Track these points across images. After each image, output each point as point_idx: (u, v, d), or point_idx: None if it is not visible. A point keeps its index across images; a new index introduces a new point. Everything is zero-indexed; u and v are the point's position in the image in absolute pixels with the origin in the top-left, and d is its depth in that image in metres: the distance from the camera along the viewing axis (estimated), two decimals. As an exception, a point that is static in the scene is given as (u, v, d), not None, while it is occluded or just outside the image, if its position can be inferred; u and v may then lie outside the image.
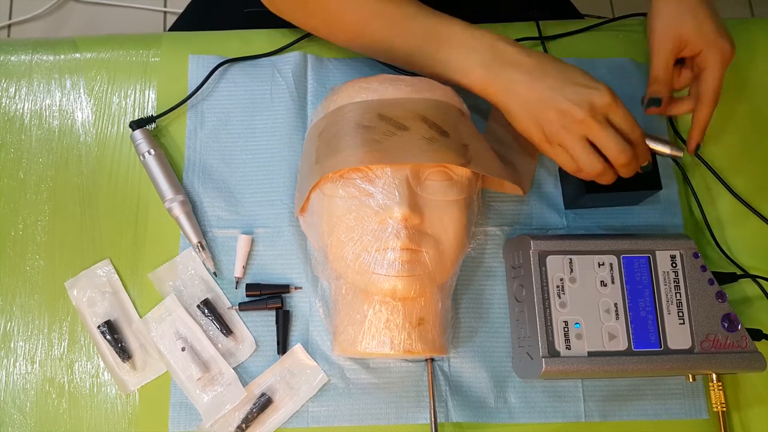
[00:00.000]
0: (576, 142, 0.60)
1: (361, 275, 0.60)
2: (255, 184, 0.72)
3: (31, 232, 0.71)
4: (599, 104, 0.58)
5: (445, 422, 0.66)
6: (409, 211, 0.58)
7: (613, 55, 0.79)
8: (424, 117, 0.61)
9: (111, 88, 0.76)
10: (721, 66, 0.65)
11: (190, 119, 0.74)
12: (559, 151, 0.61)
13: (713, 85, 0.65)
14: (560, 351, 0.61)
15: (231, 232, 0.70)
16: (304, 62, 0.76)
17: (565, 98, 0.58)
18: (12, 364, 0.67)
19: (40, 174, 0.73)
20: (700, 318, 0.63)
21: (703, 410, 0.67)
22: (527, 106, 0.60)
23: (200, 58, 0.76)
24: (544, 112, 0.59)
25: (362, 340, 0.61)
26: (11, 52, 0.77)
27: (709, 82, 0.65)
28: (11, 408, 0.66)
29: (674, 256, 0.64)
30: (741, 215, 0.73)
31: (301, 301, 0.69)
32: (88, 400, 0.66)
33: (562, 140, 0.60)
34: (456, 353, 0.68)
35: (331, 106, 0.65)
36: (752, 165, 0.76)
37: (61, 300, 0.69)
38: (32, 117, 0.75)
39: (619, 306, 0.63)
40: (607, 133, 0.59)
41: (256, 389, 0.66)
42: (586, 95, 0.58)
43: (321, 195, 0.63)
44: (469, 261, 0.70)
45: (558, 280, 0.63)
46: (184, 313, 0.67)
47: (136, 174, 0.73)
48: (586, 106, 0.58)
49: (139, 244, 0.70)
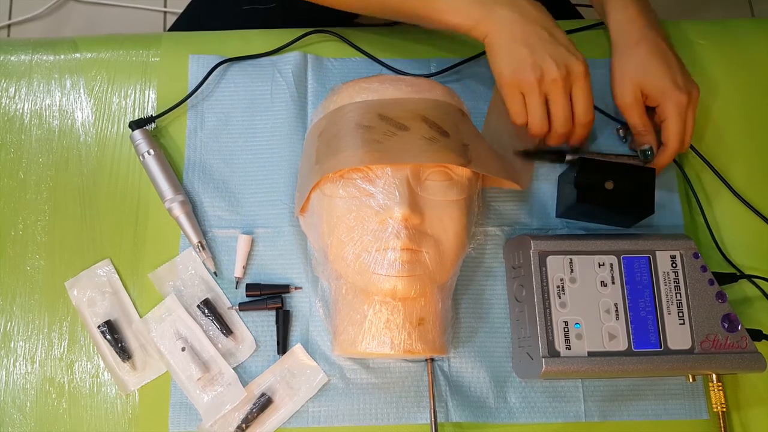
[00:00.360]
0: (538, 97, 0.62)
1: (362, 275, 0.60)
2: (255, 184, 0.72)
3: (31, 232, 0.71)
4: (574, 71, 0.61)
5: (445, 422, 0.66)
6: (410, 211, 0.58)
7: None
8: (424, 117, 0.61)
9: (111, 88, 0.76)
10: (677, 116, 0.67)
11: (190, 119, 0.74)
12: (519, 99, 0.63)
13: (672, 135, 0.68)
14: (560, 351, 0.61)
15: (231, 232, 0.70)
16: (304, 62, 0.76)
17: (548, 53, 0.61)
18: (12, 364, 0.67)
19: (40, 174, 0.73)
20: (700, 318, 0.63)
21: (703, 410, 0.67)
22: (512, 45, 0.61)
23: (200, 58, 0.76)
24: (525, 56, 0.61)
25: (362, 340, 0.61)
26: (11, 52, 0.77)
27: (669, 133, 0.68)
28: (11, 408, 0.66)
29: (674, 257, 0.64)
30: (741, 215, 0.73)
31: (301, 301, 0.69)
32: (88, 400, 0.66)
33: (527, 88, 0.62)
34: (456, 353, 0.68)
35: (331, 106, 0.65)
36: (752, 165, 0.76)
37: (61, 300, 0.69)
38: (32, 117, 0.75)
39: (619, 306, 0.63)
40: (564, 101, 0.62)
41: (256, 389, 0.66)
42: (566, 59, 0.61)
43: (321, 195, 0.63)
44: (469, 261, 0.70)
45: (558, 280, 0.63)
46: (184, 313, 0.67)
47: (136, 174, 0.73)
48: (564, 68, 0.61)
49: (139, 244, 0.70)
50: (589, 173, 0.66)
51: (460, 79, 0.77)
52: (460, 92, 0.69)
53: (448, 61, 0.76)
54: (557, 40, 0.62)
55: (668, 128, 0.68)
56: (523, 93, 0.63)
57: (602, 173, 0.66)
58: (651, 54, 0.68)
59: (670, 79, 0.67)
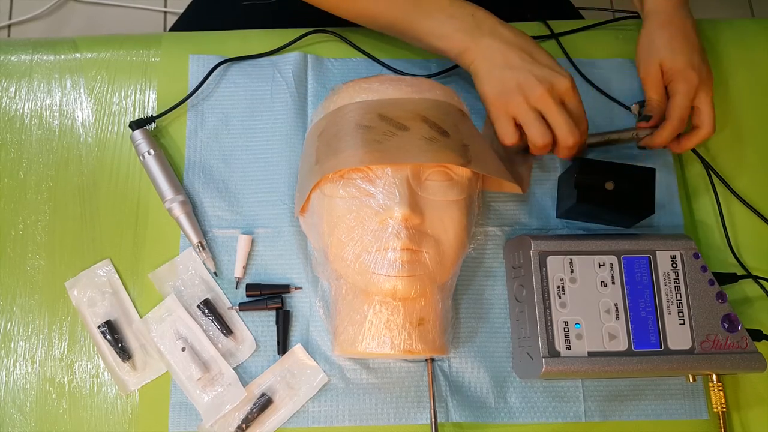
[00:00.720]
0: (529, 111, 0.63)
1: (362, 275, 0.60)
2: (255, 184, 0.72)
3: (32, 232, 0.71)
4: (559, 87, 0.63)
5: (445, 422, 0.66)
6: (410, 211, 0.58)
7: (613, 55, 0.79)
8: (424, 117, 0.61)
9: (111, 88, 0.76)
10: (685, 94, 0.69)
11: (191, 119, 0.74)
12: (506, 120, 0.64)
13: (676, 110, 0.69)
14: (560, 351, 0.61)
15: (231, 232, 0.70)
16: (304, 62, 0.76)
17: (531, 72, 0.62)
18: (12, 364, 0.67)
19: (41, 174, 0.73)
20: (700, 318, 0.63)
21: (703, 410, 0.67)
22: (496, 71, 0.64)
23: (200, 58, 0.76)
24: (508, 79, 0.63)
25: (362, 340, 0.61)
26: (11, 52, 0.77)
27: (673, 108, 0.70)
28: (11, 408, 0.66)
29: (674, 257, 0.64)
30: (742, 215, 0.73)
31: (301, 301, 0.69)
32: (88, 400, 0.66)
33: (517, 108, 0.63)
34: (456, 353, 0.68)
35: (331, 106, 0.65)
36: (752, 165, 0.76)
37: (62, 300, 0.69)
38: (32, 117, 0.75)
39: (619, 306, 0.63)
40: (561, 112, 0.63)
41: (256, 389, 0.66)
42: (550, 76, 0.63)
43: (321, 195, 0.63)
44: (469, 261, 0.70)
45: (558, 280, 0.63)
46: (184, 313, 0.67)
47: (136, 174, 0.73)
48: (547, 84, 0.62)
49: (139, 244, 0.70)
50: (589, 173, 0.67)
51: (460, 79, 0.77)
52: (460, 92, 0.69)
53: (449, 61, 0.76)
54: (539, 61, 0.64)
55: (673, 103, 0.70)
56: (514, 115, 0.64)
57: (602, 173, 0.66)
58: (676, 34, 0.71)
59: (687, 58, 0.70)
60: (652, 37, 0.73)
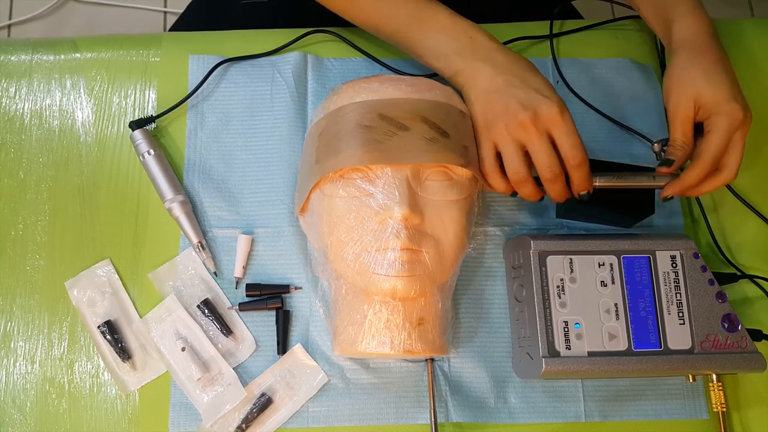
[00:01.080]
0: (509, 141, 0.60)
1: (361, 275, 0.60)
2: (255, 184, 0.72)
3: (31, 232, 0.71)
4: (544, 114, 0.59)
5: (445, 422, 0.66)
6: (410, 211, 0.58)
7: (613, 55, 0.79)
8: (424, 117, 0.61)
9: (111, 88, 0.76)
10: (726, 131, 0.60)
11: (190, 119, 0.74)
12: (489, 147, 0.62)
13: (711, 149, 0.61)
14: (560, 351, 0.61)
15: (231, 232, 0.70)
16: (304, 62, 0.76)
17: (515, 97, 0.60)
18: (12, 364, 0.67)
19: (40, 174, 0.73)
20: (700, 318, 0.63)
21: (703, 410, 0.67)
22: (483, 95, 0.62)
23: (200, 58, 0.76)
24: (492, 103, 0.61)
25: (362, 340, 0.61)
26: (11, 52, 0.77)
27: (709, 145, 0.61)
28: (11, 408, 0.66)
29: (674, 257, 0.64)
30: (742, 215, 0.73)
31: (301, 301, 0.69)
32: (88, 400, 0.66)
33: (498, 135, 0.61)
34: (456, 353, 0.68)
35: (331, 106, 0.65)
36: (753, 165, 0.75)
37: (61, 300, 0.69)
38: (32, 117, 0.75)
39: (619, 306, 0.63)
40: (541, 144, 0.59)
41: (256, 389, 0.66)
42: (535, 101, 0.59)
43: (321, 195, 0.63)
44: (469, 261, 0.70)
45: (558, 280, 0.63)
46: (184, 313, 0.67)
47: (136, 174, 0.73)
48: (531, 111, 0.59)
49: (139, 244, 0.70)
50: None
51: (460, 79, 0.77)
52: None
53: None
54: (528, 84, 0.60)
55: (708, 140, 0.61)
56: (495, 140, 0.61)
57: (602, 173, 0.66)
58: (714, 64, 0.63)
59: (729, 91, 0.61)
60: (684, 67, 0.63)
